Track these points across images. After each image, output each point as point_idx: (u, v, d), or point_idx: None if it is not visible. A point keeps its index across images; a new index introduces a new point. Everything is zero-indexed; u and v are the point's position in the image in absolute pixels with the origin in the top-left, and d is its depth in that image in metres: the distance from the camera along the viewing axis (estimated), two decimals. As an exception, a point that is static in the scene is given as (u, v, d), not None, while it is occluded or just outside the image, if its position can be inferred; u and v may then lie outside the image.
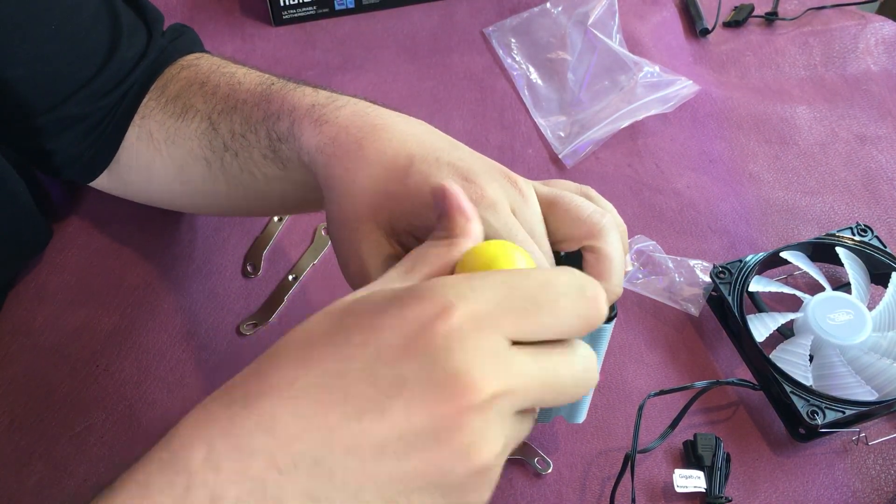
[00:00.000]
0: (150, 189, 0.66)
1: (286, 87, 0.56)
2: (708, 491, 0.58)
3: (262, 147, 0.55)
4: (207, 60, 0.64)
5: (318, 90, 0.54)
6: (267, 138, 0.55)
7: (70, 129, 0.61)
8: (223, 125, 0.58)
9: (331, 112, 0.50)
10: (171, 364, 0.65)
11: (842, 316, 0.63)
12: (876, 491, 0.59)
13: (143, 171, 0.64)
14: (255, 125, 0.55)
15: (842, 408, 0.58)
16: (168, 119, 0.61)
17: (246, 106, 0.57)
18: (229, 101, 0.58)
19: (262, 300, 0.69)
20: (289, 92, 0.54)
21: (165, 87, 0.63)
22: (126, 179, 0.66)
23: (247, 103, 0.57)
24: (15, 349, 0.65)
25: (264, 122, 0.55)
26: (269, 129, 0.54)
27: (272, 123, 0.54)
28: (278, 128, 0.53)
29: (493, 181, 0.45)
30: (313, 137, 0.50)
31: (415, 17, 0.93)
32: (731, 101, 0.85)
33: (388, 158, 0.47)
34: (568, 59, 0.87)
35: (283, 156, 0.54)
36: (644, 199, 0.77)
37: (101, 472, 0.59)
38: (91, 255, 0.72)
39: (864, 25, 0.92)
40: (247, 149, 0.57)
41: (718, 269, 0.67)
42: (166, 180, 0.64)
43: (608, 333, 0.47)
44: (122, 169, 0.65)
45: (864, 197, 0.77)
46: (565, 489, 0.59)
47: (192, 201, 0.66)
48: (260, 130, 0.55)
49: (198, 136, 0.60)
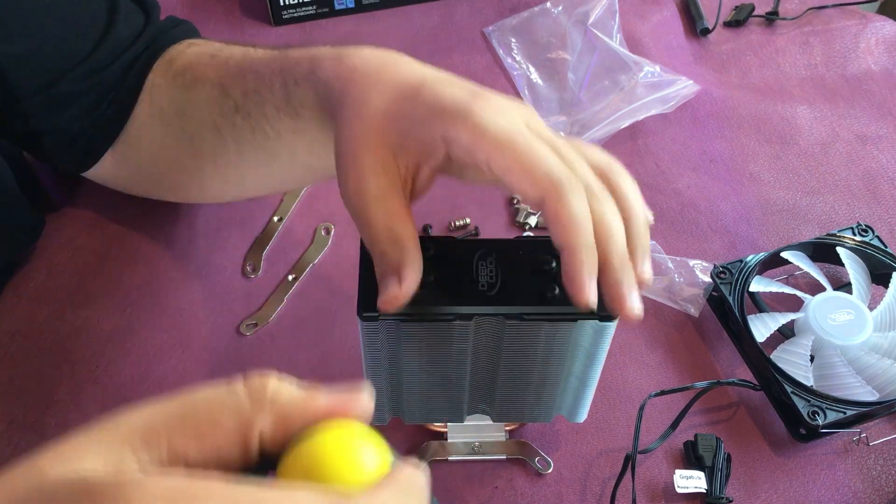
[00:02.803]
0: (159, 169, 0.66)
1: (306, 45, 0.55)
2: (708, 491, 0.58)
3: (275, 99, 0.55)
4: (214, 42, 0.64)
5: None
6: (283, 87, 0.54)
7: (66, 109, 0.60)
8: (235, 87, 0.58)
9: (353, 50, 0.50)
10: (171, 364, 0.65)
11: (842, 316, 0.63)
12: (877, 491, 0.59)
13: (153, 149, 0.64)
14: (271, 77, 0.55)
15: (842, 408, 0.58)
16: (178, 92, 0.61)
17: (261, 64, 0.57)
18: (242, 64, 0.58)
19: (262, 300, 0.69)
20: (310, 46, 0.54)
21: (172, 62, 0.62)
22: (133, 160, 0.65)
23: (262, 61, 0.57)
24: (15, 349, 0.65)
25: (280, 73, 0.54)
26: (286, 76, 0.54)
27: (290, 70, 0.53)
28: (297, 71, 0.53)
29: (503, 98, 0.45)
30: (333, 69, 0.49)
31: (415, 17, 0.93)
32: (731, 100, 0.85)
33: (402, 79, 0.47)
34: (568, 59, 0.87)
35: (296, 101, 0.53)
36: (644, 199, 0.76)
37: (101, 473, 0.59)
38: (91, 255, 0.72)
39: (865, 25, 0.92)
40: (259, 105, 0.56)
41: (719, 269, 0.67)
42: (177, 155, 0.63)
43: (611, 332, 0.46)
44: (130, 150, 0.64)
45: (864, 197, 0.77)
46: (565, 489, 0.59)
47: (201, 180, 0.65)
48: (275, 81, 0.54)
49: (208, 103, 0.60)
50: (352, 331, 0.67)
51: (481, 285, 0.46)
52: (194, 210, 0.74)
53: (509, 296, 0.45)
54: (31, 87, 0.58)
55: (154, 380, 0.64)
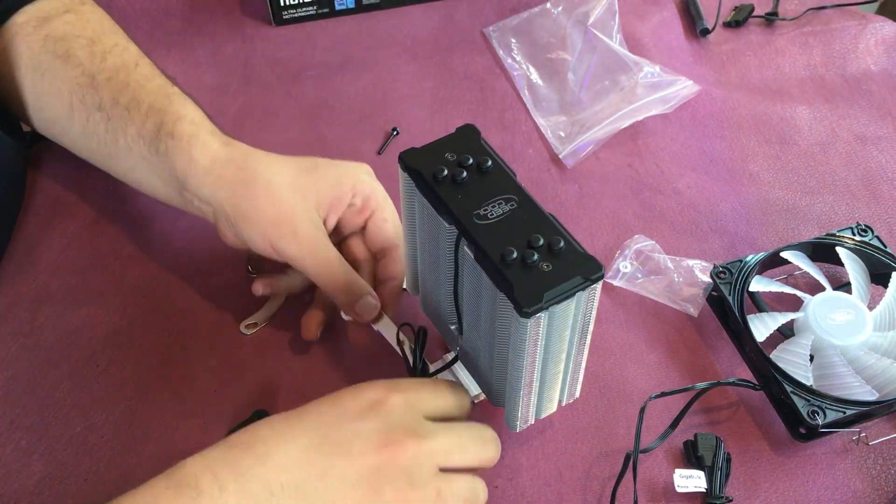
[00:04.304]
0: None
1: (182, 100, 0.64)
2: (708, 491, 0.58)
3: (142, 129, 0.63)
4: (92, 12, 0.69)
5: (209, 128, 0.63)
6: (155, 129, 0.62)
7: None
8: (106, 90, 0.64)
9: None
10: (171, 364, 0.65)
11: (842, 316, 0.63)
12: (876, 491, 0.59)
13: (3, 75, 0.68)
14: (147, 112, 0.63)
15: (842, 408, 0.58)
16: (45, 54, 0.66)
17: (142, 92, 0.64)
18: (121, 75, 0.65)
19: (262, 300, 0.69)
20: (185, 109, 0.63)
21: (47, 20, 0.67)
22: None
23: (144, 89, 0.64)
24: (15, 349, 0.65)
25: (158, 114, 0.62)
26: (162, 126, 0.62)
27: (167, 125, 0.62)
28: (174, 132, 0.61)
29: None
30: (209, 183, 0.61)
31: (415, 17, 0.93)
32: (731, 100, 0.85)
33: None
34: (568, 59, 0.87)
35: (161, 147, 0.62)
36: (644, 199, 0.77)
37: (102, 472, 0.59)
38: (91, 255, 0.72)
39: (865, 25, 0.92)
40: (124, 120, 0.63)
41: (719, 268, 0.67)
42: (16, 94, 0.68)
43: (524, 334, 0.46)
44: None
45: (864, 197, 0.77)
46: (566, 489, 0.59)
47: (42, 123, 0.70)
48: (150, 118, 0.62)
49: (72, 84, 0.65)
50: (352, 330, 0.67)
51: (482, 211, 0.47)
52: (194, 210, 0.74)
53: (487, 231, 0.46)
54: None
55: (154, 379, 0.64)
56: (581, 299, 0.46)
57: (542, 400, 0.54)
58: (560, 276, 0.44)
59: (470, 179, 0.49)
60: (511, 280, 0.44)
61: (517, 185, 0.49)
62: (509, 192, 0.48)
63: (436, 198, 0.48)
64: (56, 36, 0.66)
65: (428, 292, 0.58)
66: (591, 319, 0.49)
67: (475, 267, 0.47)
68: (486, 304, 0.48)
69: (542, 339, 0.47)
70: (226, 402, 0.63)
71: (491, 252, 0.45)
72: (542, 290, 0.44)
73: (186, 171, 0.61)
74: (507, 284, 0.44)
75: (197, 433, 0.61)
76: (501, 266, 0.45)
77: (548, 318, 0.45)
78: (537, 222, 0.47)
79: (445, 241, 0.49)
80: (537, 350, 0.47)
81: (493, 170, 0.49)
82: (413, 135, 0.81)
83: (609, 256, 0.72)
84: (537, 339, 0.46)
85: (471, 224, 0.47)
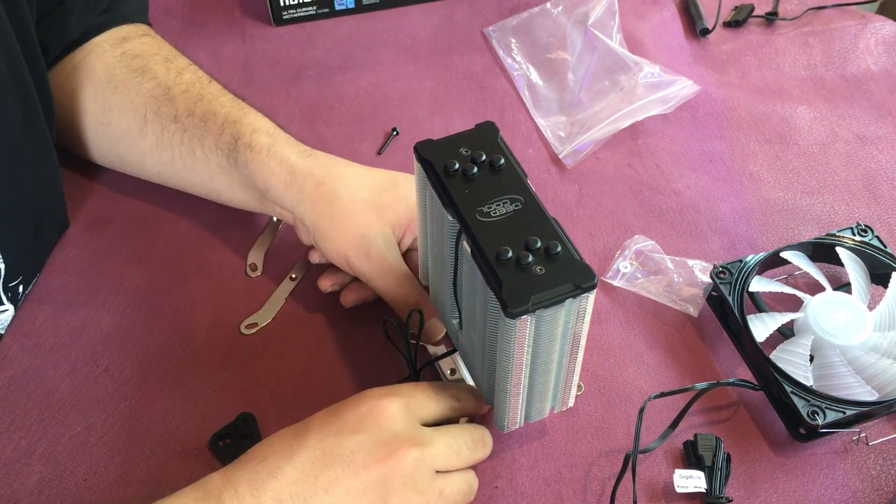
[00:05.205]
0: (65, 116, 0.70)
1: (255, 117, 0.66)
2: (708, 491, 0.58)
3: (219, 141, 0.65)
4: (165, 44, 0.72)
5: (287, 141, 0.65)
6: (232, 139, 0.64)
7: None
8: (181, 102, 0.66)
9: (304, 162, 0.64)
10: (171, 364, 0.65)
11: (842, 316, 0.63)
12: (876, 491, 0.59)
13: (64, 98, 0.69)
14: (223, 124, 0.65)
15: (842, 408, 0.58)
16: (121, 69, 0.68)
17: (217, 104, 0.66)
18: (196, 88, 0.67)
19: (262, 300, 0.69)
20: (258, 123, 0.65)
21: (126, 40, 0.70)
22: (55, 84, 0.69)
23: (219, 101, 0.66)
24: (15, 349, 0.65)
25: (234, 125, 0.64)
26: (239, 138, 0.64)
27: (244, 136, 0.64)
28: (252, 144, 0.63)
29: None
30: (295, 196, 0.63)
31: (415, 17, 0.93)
32: (731, 101, 0.85)
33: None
34: (568, 59, 0.87)
35: (240, 159, 0.64)
36: (644, 199, 0.77)
37: (101, 472, 0.59)
38: (91, 255, 0.72)
39: (865, 25, 0.92)
40: (200, 131, 0.65)
41: (719, 268, 0.67)
42: (73, 117, 0.69)
43: (511, 334, 0.46)
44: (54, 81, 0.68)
45: (864, 197, 0.77)
46: (566, 489, 0.59)
47: (104, 140, 0.71)
48: (227, 129, 0.64)
49: (147, 96, 0.67)
50: (352, 330, 0.67)
51: (486, 208, 0.47)
52: (195, 210, 0.74)
53: (487, 229, 0.47)
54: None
55: (154, 379, 0.64)
56: (571, 307, 0.46)
57: (531, 405, 0.54)
58: (551, 281, 0.45)
59: (480, 176, 0.49)
60: (501, 279, 0.44)
61: (526, 187, 0.49)
62: (516, 193, 0.48)
63: (443, 190, 0.49)
64: (133, 53, 0.69)
65: (435, 284, 0.59)
66: (584, 330, 0.49)
67: (472, 263, 0.47)
68: (481, 302, 0.49)
69: (529, 343, 0.47)
70: (226, 402, 0.63)
71: (487, 249, 0.46)
72: (531, 292, 0.44)
73: (267, 182, 0.63)
74: (497, 283, 0.44)
75: (197, 433, 0.61)
76: (495, 264, 0.45)
77: (535, 321, 0.45)
78: (539, 225, 0.47)
79: (448, 235, 0.50)
80: (524, 353, 0.47)
81: (505, 169, 0.50)
82: (413, 135, 0.81)
83: (609, 256, 0.72)
84: (524, 341, 0.46)
85: (472, 220, 0.47)
